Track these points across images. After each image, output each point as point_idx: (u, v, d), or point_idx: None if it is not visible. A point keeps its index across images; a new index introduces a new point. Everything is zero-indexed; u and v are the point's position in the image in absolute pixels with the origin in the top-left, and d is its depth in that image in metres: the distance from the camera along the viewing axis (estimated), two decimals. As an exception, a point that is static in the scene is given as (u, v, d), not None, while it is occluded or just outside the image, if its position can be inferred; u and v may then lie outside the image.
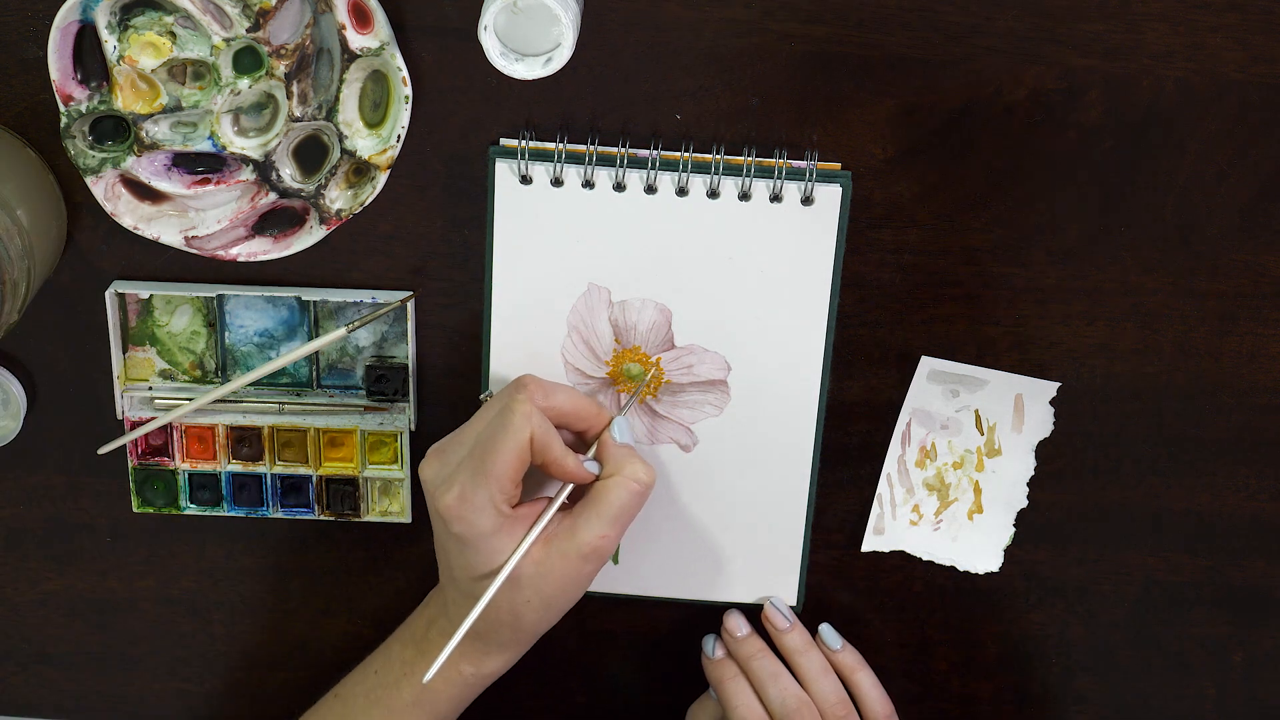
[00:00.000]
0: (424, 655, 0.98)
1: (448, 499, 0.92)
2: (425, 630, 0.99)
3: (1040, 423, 1.03)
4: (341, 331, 0.99)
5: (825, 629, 1.04)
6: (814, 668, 1.02)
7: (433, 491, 0.93)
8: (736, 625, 1.04)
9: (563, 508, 0.95)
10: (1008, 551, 1.06)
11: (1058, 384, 1.01)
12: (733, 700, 1.02)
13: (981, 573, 1.06)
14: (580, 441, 0.97)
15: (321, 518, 1.05)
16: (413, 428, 1.02)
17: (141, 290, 0.99)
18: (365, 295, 0.99)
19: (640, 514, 1.03)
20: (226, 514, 1.05)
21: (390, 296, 0.99)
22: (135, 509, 1.04)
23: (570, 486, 0.95)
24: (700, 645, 1.05)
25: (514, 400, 0.92)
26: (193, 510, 1.04)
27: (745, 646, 1.03)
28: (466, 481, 0.92)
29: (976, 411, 1.03)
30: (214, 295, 1.00)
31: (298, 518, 1.05)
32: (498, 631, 0.96)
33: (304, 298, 0.99)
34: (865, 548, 1.06)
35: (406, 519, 1.05)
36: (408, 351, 1.01)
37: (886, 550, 1.06)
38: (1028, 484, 1.05)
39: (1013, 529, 1.06)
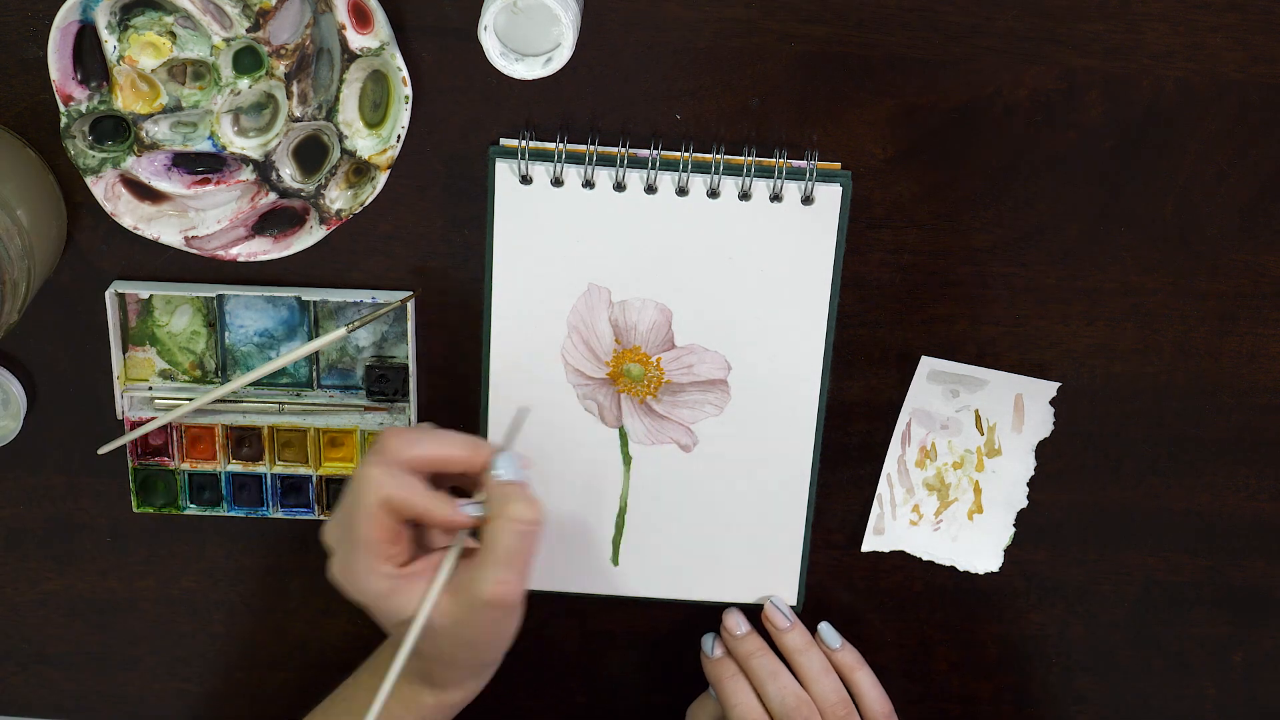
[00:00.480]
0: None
1: (334, 570, 0.91)
2: (389, 661, 0.98)
3: (1040, 423, 1.03)
4: (341, 331, 0.99)
5: (824, 628, 1.04)
6: (814, 667, 1.02)
7: (329, 559, 0.92)
8: (736, 624, 1.04)
9: (469, 552, 0.92)
10: (1008, 551, 1.06)
11: (1057, 384, 1.01)
12: (732, 699, 1.02)
13: (981, 573, 1.07)
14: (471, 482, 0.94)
15: (321, 518, 1.05)
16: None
17: (141, 290, 0.99)
18: (365, 295, 0.99)
19: (640, 514, 1.03)
20: (226, 514, 1.05)
21: (390, 296, 0.99)
22: (135, 509, 1.04)
23: (464, 533, 0.92)
24: (700, 645, 1.05)
25: (362, 466, 0.90)
26: (193, 510, 1.04)
27: (744, 644, 1.03)
28: (343, 552, 0.91)
29: (976, 411, 1.03)
30: (214, 295, 1.00)
31: (297, 518, 1.05)
32: (441, 672, 0.94)
33: (304, 298, 0.99)
34: (865, 548, 1.06)
35: (406, 519, 1.05)
36: (408, 351, 1.01)
37: (886, 550, 1.06)
38: (1028, 484, 1.05)
39: (1013, 529, 1.06)
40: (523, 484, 0.91)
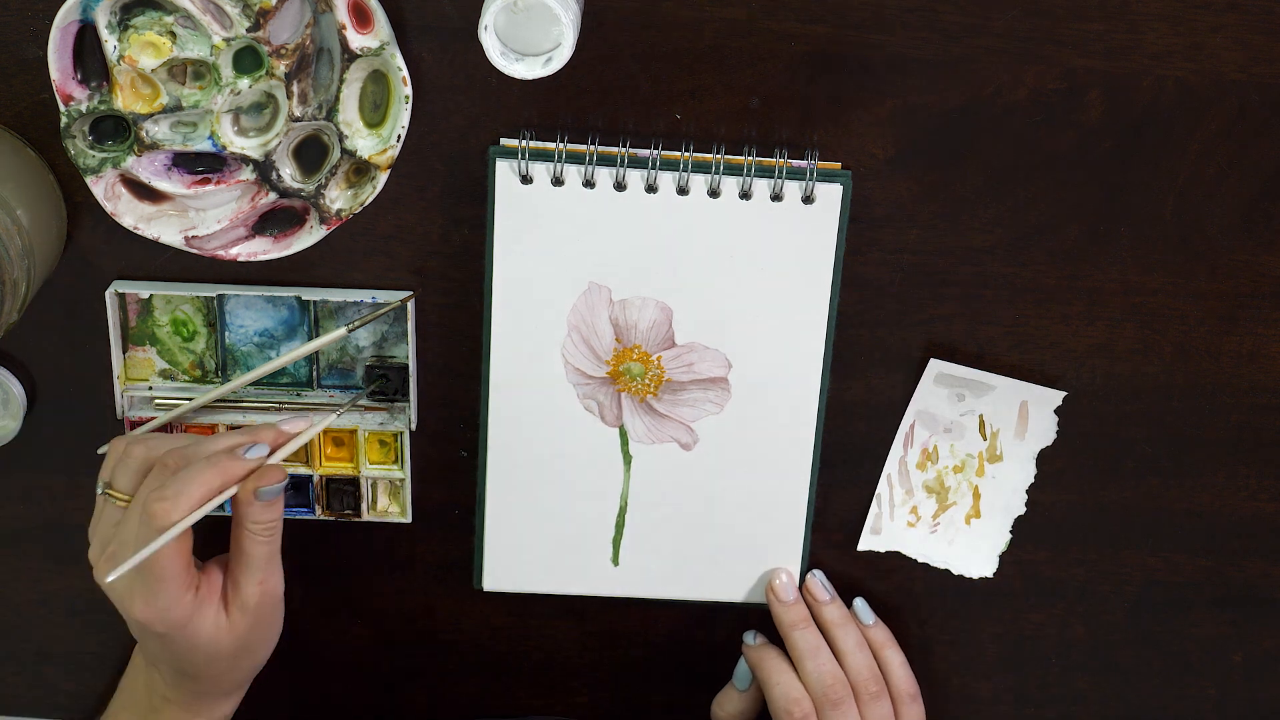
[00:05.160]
0: None
1: (136, 611, 0.93)
2: (148, 698, 1.00)
3: (1043, 430, 1.03)
4: (341, 331, 0.99)
5: (860, 603, 1.05)
6: (849, 642, 1.03)
7: (119, 601, 0.94)
8: (785, 588, 1.04)
9: (225, 563, 0.97)
10: (1008, 551, 1.06)
11: (1064, 393, 1.01)
12: (773, 678, 1.02)
13: (975, 577, 1.07)
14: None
15: (322, 517, 1.05)
16: (413, 427, 1.02)
17: (142, 290, 0.99)
18: (365, 295, 0.99)
19: (640, 514, 1.04)
20: (227, 514, 1.05)
21: (390, 296, 0.99)
22: (135, 509, 1.04)
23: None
24: (739, 639, 1.06)
25: (146, 505, 0.91)
26: (193, 510, 1.04)
27: (791, 612, 1.04)
28: (145, 590, 0.93)
29: (981, 416, 1.03)
30: (214, 295, 1.00)
31: (298, 518, 1.05)
32: (216, 687, 0.98)
33: (304, 297, 0.99)
34: (861, 547, 1.06)
35: (407, 519, 1.05)
36: (408, 351, 1.01)
37: (882, 550, 1.06)
38: (1027, 490, 1.05)
39: (1009, 535, 1.06)
40: (263, 473, 0.94)
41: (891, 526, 1.06)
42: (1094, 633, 1.08)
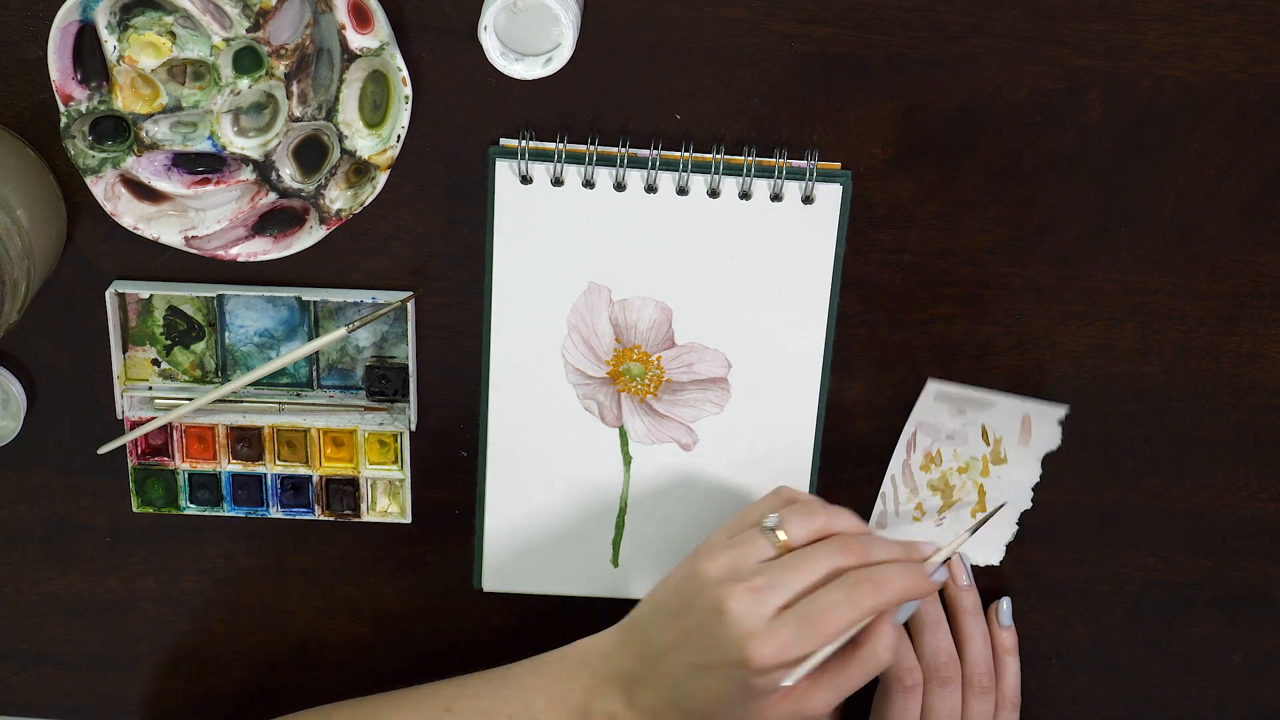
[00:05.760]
0: None
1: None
2: (586, 701, 0.95)
3: (1047, 439, 1.03)
4: (342, 331, 0.99)
5: (1005, 603, 1.06)
6: (976, 632, 1.04)
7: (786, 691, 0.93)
8: (961, 574, 1.05)
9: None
10: (1009, 551, 1.06)
11: (1066, 407, 1.01)
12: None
13: (982, 565, 1.06)
14: None
15: (322, 518, 1.05)
16: (413, 428, 1.02)
17: (142, 290, 0.99)
18: (365, 295, 0.99)
19: (640, 514, 1.04)
20: (227, 514, 1.05)
21: (390, 296, 0.99)
22: (135, 509, 1.04)
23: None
24: None
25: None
26: (192, 510, 1.04)
27: (966, 598, 1.05)
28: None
29: (983, 426, 1.02)
30: (214, 295, 1.00)
31: (298, 518, 1.05)
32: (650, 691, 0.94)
33: (304, 298, 0.99)
34: (866, 546, 1.06)
35: (406, 519, 1.05)
36: (408, 351, 1.01)
37: (887, 547, 1.06)
38: (1033, 489, 1.04)
39: (1016, 527, 1.06)
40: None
41: (897, 521, 1.06)
42: (1094, 633, 1.08)
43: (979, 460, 1.04)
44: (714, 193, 0.97)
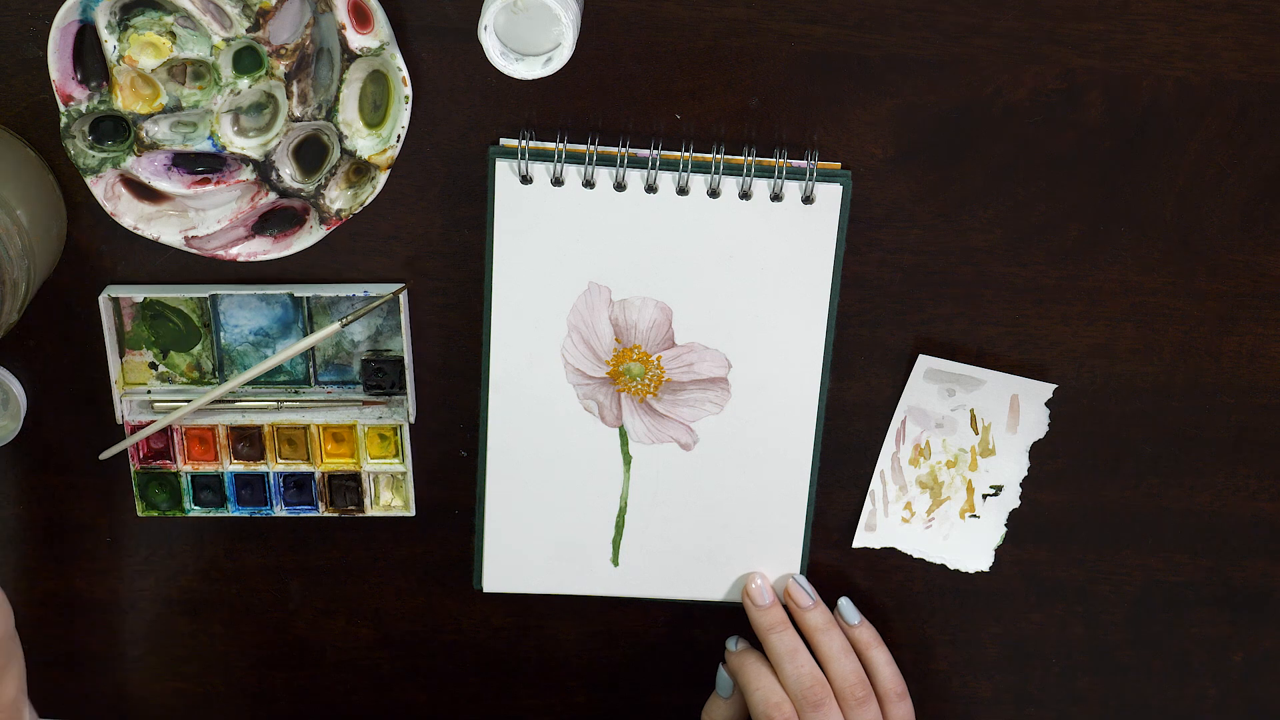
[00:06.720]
0: None
1: None
2: None
3: (1035, 424, 1.03)
4: (335, 326, 0.99)
5: (844, 603, 1.04)
6: (834, 647, 1.03)
7: None
8: (760, 592, 1.04)
9: None
10: (1008, 552, 1.06)
11: (1054, 386, 1.01)
12: (753, 683, 1.02)
13: (971, 571, 1.06)
14: None
15: (324, 514, 1.05)
16: (412, 420, 1.03)
17: (135, 294, 0.99)
18: (357, 289, 0.99)
19: (640, 514, 1.04)
20: (231, 515, 1.05)
21: (383, 289, 0.99)
22: (140, 513, 1.04)
23: None
24: (722, 644, 1.06)
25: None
26: (196, 513, 1.04)
27: (767, 616, 1.03)
28: None
29: (972, 411, 1.03)
30: (207, 295, 1.00)
31: (300, 515, 1.05)
32: None
33: (296, 294, 0.99)
34: (856, 544, 1.06)
35: (410, 512, 1.05)
36: (403, 344, 1.01)
37: (878, 547, 1.06)
38: (1021, 484, 1.05)
39: (1004, 529, 1.06)
40: None
41: (886, 523, 1.06)
42: (1094, 633, 1.08)
43: (968, 452, 1.04)
44: (714, 193, 0.97)
